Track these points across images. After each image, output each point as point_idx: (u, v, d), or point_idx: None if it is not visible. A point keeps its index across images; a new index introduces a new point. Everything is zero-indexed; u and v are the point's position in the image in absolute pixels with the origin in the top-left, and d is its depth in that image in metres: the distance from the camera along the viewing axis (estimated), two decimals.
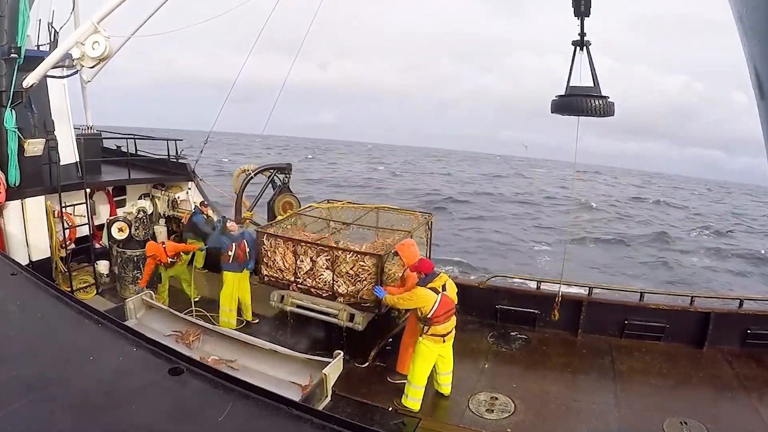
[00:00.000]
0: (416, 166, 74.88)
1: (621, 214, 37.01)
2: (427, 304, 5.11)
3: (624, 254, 23.99)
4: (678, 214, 41.71)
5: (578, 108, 4.94)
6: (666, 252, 24.83)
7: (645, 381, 5.95)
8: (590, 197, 43.63)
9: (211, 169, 36.73)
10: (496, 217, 31.67)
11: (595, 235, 27.23)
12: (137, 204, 9.35)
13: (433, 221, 7.64)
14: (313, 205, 8.02)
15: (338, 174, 52.57)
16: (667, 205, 46.22)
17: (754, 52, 2.14)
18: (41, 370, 2.55)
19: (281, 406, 2.24)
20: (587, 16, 4.99)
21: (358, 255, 6.01)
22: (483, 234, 26.09)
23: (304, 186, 33.82)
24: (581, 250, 23.25)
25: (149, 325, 5.82)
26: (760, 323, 6.54)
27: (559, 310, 6.67)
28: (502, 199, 41.70)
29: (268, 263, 6.67)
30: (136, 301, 6.02)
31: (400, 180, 50.89)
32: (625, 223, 33.46)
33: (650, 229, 30.56)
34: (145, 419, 2.20)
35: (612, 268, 20.74)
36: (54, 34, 8.60)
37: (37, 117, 7.59)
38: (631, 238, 27.35)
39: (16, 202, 7.19)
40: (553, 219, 31.58)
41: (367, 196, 32.06)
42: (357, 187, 42.08)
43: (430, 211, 8.32)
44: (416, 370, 5.27)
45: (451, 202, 36.06)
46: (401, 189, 41.63)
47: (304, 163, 58.71)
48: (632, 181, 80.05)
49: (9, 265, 4.00)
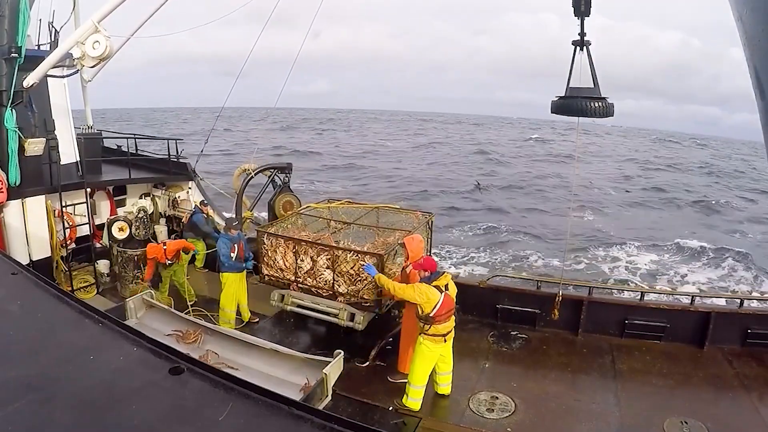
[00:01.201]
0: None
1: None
2: (430, 301, 5.08)
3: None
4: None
5: (578, 110, 4.97)
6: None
7: (645, 380, 5.95)
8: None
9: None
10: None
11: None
12: (138, 203, 9.36)
13: (433, 220, 7.64)
14: (312, 205, 8.03)
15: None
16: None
17: (754, 52, 2.13)
18: (41, 370, 2.55)
19: (281, 406, 2.24)
20: (587, 16, 4.98)
21: (359, 254, 6.01)
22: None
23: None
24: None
25: (150, 324, 5.80)
26: (760, 323, 6.53)
27: (560, 310, 6.68)
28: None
29: (269, 263, 6.66)
30: (137, 301, 6.01)
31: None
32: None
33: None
34: (145, 419, 2.20)
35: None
36: (54, 33, 8.60)
37: (38, 116, 7.60)
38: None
39: (17, 202, 7.20)
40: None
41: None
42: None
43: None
44: (416, 370, 5.27)
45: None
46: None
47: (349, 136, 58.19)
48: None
49: (9, 265, 4.00)
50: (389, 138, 67.85)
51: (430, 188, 30.31)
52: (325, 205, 7.96)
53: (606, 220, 24.18)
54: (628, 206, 28.23)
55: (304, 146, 49.71)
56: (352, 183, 31.73)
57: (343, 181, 32.25)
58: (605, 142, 77.74)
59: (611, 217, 25.23)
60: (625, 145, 74.57)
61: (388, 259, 6.03)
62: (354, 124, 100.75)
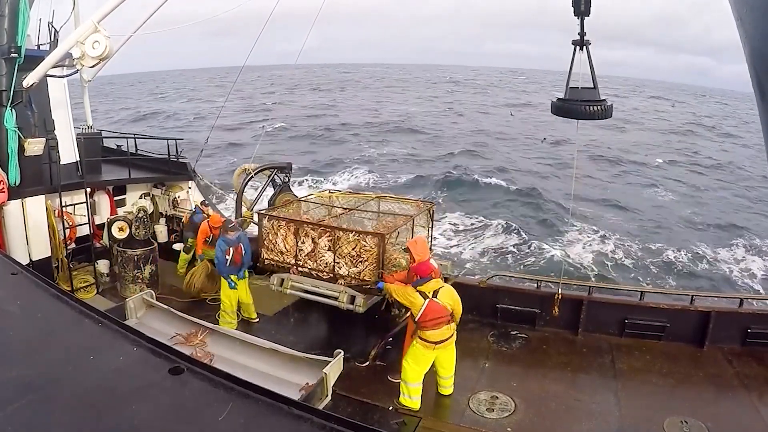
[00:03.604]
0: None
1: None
2: (413, 305, 5.16)
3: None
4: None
5: (577, 113, 5.00)
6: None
7: (645, 380, 5.95)
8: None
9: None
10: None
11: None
12: (138, 203, 9.37)
13: (434, 210, 7.59)
14: (314, 194, 8.02)
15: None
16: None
17: (754, 52, 2.14)
18: (41, 370, 2.55)
19: (281, 406, 2.24)
20: (587, 16, 4.98)
21: (360, 234, 6.01)
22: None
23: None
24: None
25: (150, 324, 5.81)
26: (760, 322, 6.53)
27: (560, 309, 6.68)
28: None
29: (269, 246, 6.62)
30: (137, 301, 6.03)
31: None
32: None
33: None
34: (145, 419, 2.20)
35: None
36: (54, 33, 8.59)
37: (38, 116, 7.60)
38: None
39: (17, 202, 7.19)
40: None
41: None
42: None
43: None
44: (407, 368, 5.28)
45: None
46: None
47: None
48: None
49: (9, 265, 4.00)
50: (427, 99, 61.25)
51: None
52: (326, 195, 7.98)
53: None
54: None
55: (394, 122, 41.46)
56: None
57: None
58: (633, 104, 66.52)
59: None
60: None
61: (389, 240, 6.03)
62: (368, 84, 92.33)
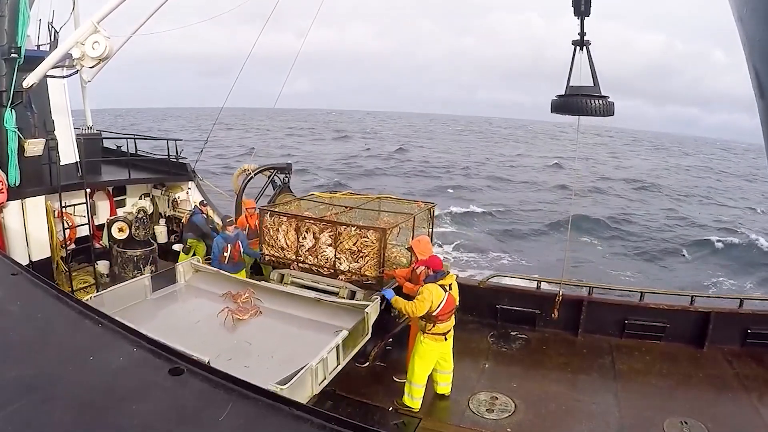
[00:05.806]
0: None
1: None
2: (436, 301, 5.08)
3: None
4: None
5: (578, 108, 4.95)
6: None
7: (645, 381, 5.95)
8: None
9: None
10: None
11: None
12: (137, 204, 9.37)
13: (434, 211, 7.58)
14: (316, 194, 8.03)
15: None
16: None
17: (754, 52, 2.14)
18: (41, 370, 2.54)
19: (281, 406, 2.23)
20: (587, 16, 4.99)
21: (362, 230, 6.05)
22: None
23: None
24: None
25: (198, 285, 6.21)
26: (760, 323, 6.54)
27: (560, 310, 6.68)
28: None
29: (270, 242, 6.65)
30: (185, 265, 6.38)
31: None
32: None
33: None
34: (145, 419, 2.19)
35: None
36: (54, 34, 8.60)
37: (37, 117, 7.59)
38: None
39: (16, 202, 7.18)
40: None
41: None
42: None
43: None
44: (416, 368, 5.27)
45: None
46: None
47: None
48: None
49: (9, 265, 3.99)
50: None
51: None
52: (327, 195, 7.98)
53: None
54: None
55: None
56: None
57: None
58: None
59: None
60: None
61: (390, 236, 6.07)
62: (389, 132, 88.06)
